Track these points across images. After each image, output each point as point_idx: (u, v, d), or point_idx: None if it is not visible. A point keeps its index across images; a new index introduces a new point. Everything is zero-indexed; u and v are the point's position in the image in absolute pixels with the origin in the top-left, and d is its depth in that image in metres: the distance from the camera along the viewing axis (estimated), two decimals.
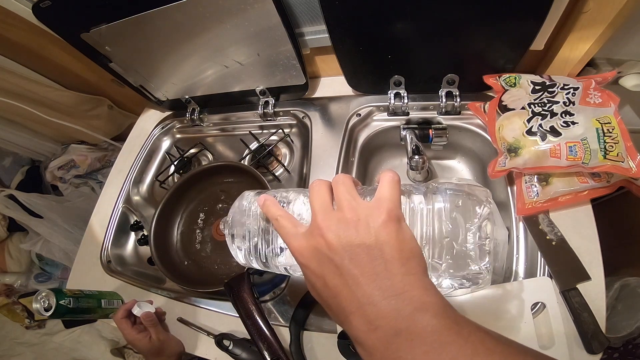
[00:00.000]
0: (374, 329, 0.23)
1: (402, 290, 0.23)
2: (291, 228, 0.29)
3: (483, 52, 0.59)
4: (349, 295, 0.24)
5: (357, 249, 0.25)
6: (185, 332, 0.61)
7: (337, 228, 0.26)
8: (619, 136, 0.47)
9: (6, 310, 1.28)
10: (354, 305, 0.24)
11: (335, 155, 0.68)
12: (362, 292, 0.24)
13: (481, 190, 0.31)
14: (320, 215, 0.27)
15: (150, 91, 0.82)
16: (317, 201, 0.28)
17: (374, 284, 0.24)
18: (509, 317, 0.48)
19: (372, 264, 0.24)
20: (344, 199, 0.27)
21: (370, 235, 0.25)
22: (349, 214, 0.26)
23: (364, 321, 0.23)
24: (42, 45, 0.81)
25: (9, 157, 1.32)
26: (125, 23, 0.62)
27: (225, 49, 0.67)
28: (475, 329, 0.23)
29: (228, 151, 0.84)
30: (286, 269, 0.35)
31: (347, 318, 0.24)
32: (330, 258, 0.25)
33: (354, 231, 0.25)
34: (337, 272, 0.25)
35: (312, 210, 0.28)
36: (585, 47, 0.53)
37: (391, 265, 0.24)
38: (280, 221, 0.30)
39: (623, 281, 0.79)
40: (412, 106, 0.69)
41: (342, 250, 0.25)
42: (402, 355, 0.22)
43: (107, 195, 0.82)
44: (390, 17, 0.55)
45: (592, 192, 0.52)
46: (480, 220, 0.29)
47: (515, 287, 0.51)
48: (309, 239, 0.27)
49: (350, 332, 0.25)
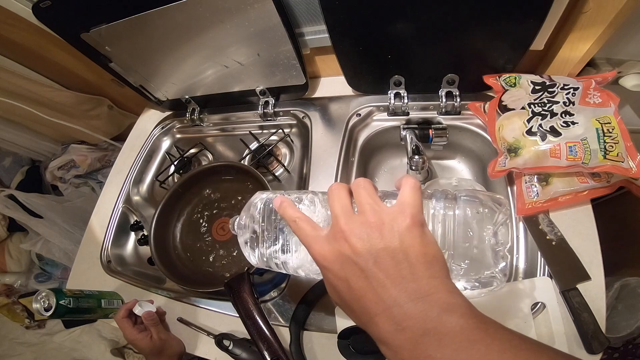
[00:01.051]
0: (402, 329, 0.23)
1: (428, 293, 0.24)
2: (311, 231, 0.29)
3: (483, 52, 0.59)
4: (374, 298, 0.25)
5: (381, 253, 0.25)
6: (185, 332, 0.61)
7: (361, 232, 0.26)
8: (619, 136, 0.47)
9: (6, 310, 1.28)
10: (379, 307, 0.25)
11: (335, 155, 0.68)
12: (388, 295, 0.24)
13: (497, 197, 0.32)
14: (342, 218, 0.27)
15: (150, 91, 0.82)
16: (337, 204, 0.28)
17: (400, 286, 0.24)
18: (509, 317, 0.48)
19: (397, 267, 0.25)
20: (367, 202, 0.28)
21: (395, 239, 0.26)
22: (373, 217, 0.27)
23: (390, 322, 0.24)
24: (42, 45, 0.81)
25: (9, 157, 1.32)
26: (125, 23, 0.62)
27: (225, 49, 0.67)
28: (500, 327, 0.24)
29: (228, 151, 0.84)
30: (298, 270, 0.35)
31: (372, 319, 0.25)
32: (355, 261, 0.26)
33: (378, 235, 0.26)
34: (362, 275, 0.26)
35: (333, 213, 0.28)
36: (585, 47, 0.53)
37: (416, 268, 0.25)
38: (299, 223, 0.30)
39: (623, 281, 0.79)
40: (412, 106, 0.69)
41: (367, 254, 0.26)
42: (432, 354, 0.23)
43: (107, 195, 0.82)
44: (390, 17, 0.55)
45: (592, 192, 0.52)
46: (497, 227, 0.30)
47: (515, 287, 0.51)
48: (332, 242, 0.27)
49: (375, 332, 0.25)
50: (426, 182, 0.66)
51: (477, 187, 0.62)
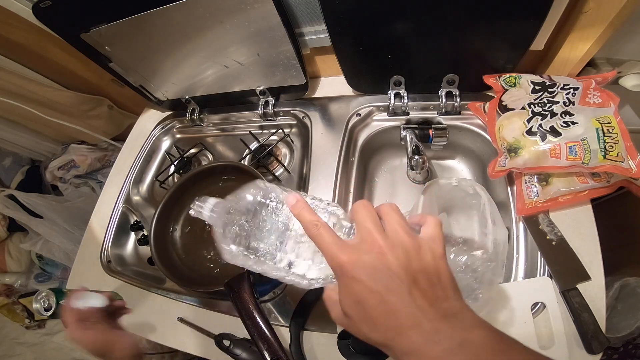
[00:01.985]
0: (437, 342, 0.25)
1: (459, 311, 0.27)
2: (335, 239, 0.29)
3: (483, 52, 0.59)
4: (409, 312, 0.26)
5: (419, 273, 0.28)
6: (186, 332, 0.61)
7: (399, 249, 0.28)
8: (619, 136, 0.47)
9: (6, 310, 1.28)
10: (411, 322, 0.26)
11: (335, 155, 0.68)
12: (424, 312, 0.26)
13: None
14: (378, 233, 0.29)
15: (150, 91, 0.82)
16: (370, 220, 0.30)
17: (435, 305, 0.27)
18: (509, 317, 0.48)
19: (432, 289, 0.28)
20: (401, 225, 0.30)
21: (431, 263, 0.28)
22: (409, 240, 0.29)
23: (423, 336, 0.26)
24: (42, 45, 0.81)
25: (9, 157, 1.32)
26: (125, 23, 0.62)
27: (225, 49, 0.67)
28: (515, 341, 0.27)
29: (228, 151, 0.84)
30: (293, 279, 0.34)
31: (402, 333, 0.26)
32: (391, 276, 0.27)
33: (416, 256, 0.28)
34: (399, 290, 0.27)
35: (365, 227, 0.29)
36: (585, 47, 0.53)
37: (448, 291, 0.28)
38: (321, 230, 0.30)
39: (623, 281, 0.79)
40: (412, 106, 0.69)
41: (404, 272, 0.27)
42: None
43: (107, 195, 0.82)
44: (390, 17, 0.55)
45: (592, 192, 0.52)
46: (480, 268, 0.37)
47: (515, 287, 0.51)
48: (364, 254, 0.28)
49: (405, 345, 0.26)
50: (426, 182, 0.66)
51: (477, 187, 0.62)
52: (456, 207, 0.69)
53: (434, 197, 0.64)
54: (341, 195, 0.66)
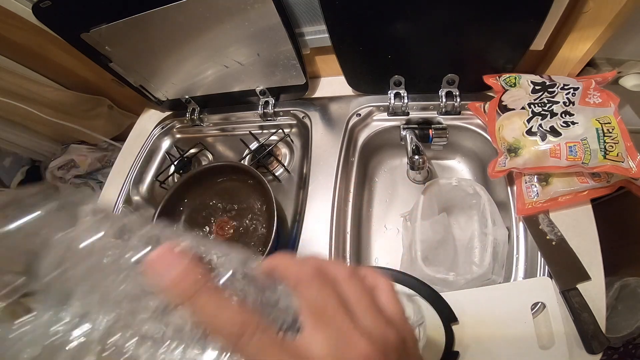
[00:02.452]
0: None
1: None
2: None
3: (483, 52, 0.59)
4: None
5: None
6: None
7: (392, 357, 0.23)
8: (619, 136, 0.47)
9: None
10: None
11: (335, 155, 0.68)
12: None
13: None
14: (356, 333, 0.21)
15: (150, 91, 0.82)
16: (333, 302, 0.22)
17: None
18: (509, 317, 0.48)
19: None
20: (379, 310, 0.24)
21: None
22: (395, 334, 0.23)
23: None
24: (42, 45, 0.81)
25: (9, 157, 1.32)
26: (125, 23, 0.61)
27: (225, 49, 0.67)
28: None
29: (228, 151, 0.84)
30: None
31: None
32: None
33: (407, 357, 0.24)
34: None
35: (332, 319, 0.21)
36: (585, 47, 0.53)
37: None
38: (257, 338, 0.19)
39: (623, 281, 0.79)
40: (412, 106, 0.69)
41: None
42: None
43: (107, 195, 0.82)
44: (390, 17, 0.55)
45: (592, 192, 0.52)
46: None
47: (515, 287, 0.51)
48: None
49: None
50: (426, 182, 0.66)
51: (477, 187, 0.62)
52: (456, 207, 0.69)
53: (434, 197, 0.64)
54: (341, 195, 0.66)
